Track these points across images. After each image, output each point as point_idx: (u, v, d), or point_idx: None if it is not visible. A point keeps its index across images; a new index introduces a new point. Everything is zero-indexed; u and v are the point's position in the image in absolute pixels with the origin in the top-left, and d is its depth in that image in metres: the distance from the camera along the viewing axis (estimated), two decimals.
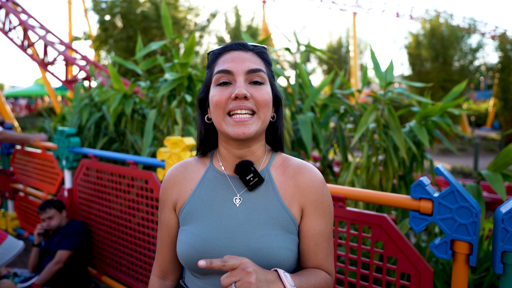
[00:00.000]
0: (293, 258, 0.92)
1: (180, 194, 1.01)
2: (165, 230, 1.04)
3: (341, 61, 26.87)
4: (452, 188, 1.23)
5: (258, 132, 0.91)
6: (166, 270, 1.07)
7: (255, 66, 0.91)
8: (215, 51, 0.97)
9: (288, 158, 1.02)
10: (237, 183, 0.97)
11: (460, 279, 1.27)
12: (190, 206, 0.97)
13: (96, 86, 4.14)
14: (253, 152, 0.97)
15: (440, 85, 15.92)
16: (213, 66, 0.95)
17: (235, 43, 0.96)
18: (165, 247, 1.05)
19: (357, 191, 1.52)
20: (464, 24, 19.61)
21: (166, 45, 3.37)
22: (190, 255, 0.91)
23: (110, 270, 2.83)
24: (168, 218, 1.03)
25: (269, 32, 20.82)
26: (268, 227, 0.91)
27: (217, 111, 0.90)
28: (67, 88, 13.91)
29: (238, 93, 0.86)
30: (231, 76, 0.90)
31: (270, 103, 0.93)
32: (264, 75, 0.92)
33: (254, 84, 0.91)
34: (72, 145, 3.06)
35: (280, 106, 1.01)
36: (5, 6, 10.42)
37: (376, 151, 2.62)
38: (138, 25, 13.49)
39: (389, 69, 2.58)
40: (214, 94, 0.91)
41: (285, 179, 0.97)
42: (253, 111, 0.89)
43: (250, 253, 0.88)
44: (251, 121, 0.89)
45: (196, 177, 1.01)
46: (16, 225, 4.11)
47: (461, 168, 9.07)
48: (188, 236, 0.93)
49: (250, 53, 0.94)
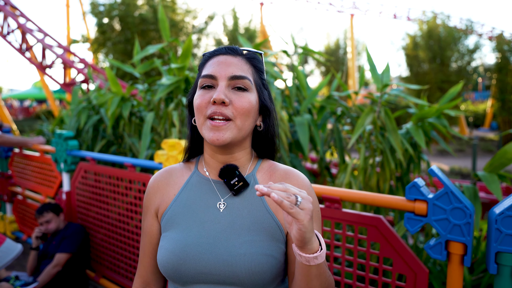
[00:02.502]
0: (277, 266, 0.87)
1: (163, 199, 0.98)
2: (147, 238, 1.00)
3: (338, 62, 26.93)
4: (446, 189, 1.25)
5: (234, 140, 0.88)
6: (147, 281, 1.02)
7: (240, 72, 0.89)
8: (206, 54, 0.96)
9: (275, 164, 0.99)
10: (221, 188, 0.94)
11: (455, 280, 1.28)
12: (172, 212, 0.94)
13: (94, 89, 4.15)
14: (236, 159, 0.95)
15: (437, 86, 15.98)
16: (202, 69, 0.94)
17: (225, 47, 0.94)
18: (146, 257, 1.01)
19: (353, 192, 1.53)
20: (461, 25, 19.70)
21: (163, 48, 3.38)
22: (170, 262, 0.87)
23: (108, 273, 2.83)
24: (150, 225, 1.00)
25: (267, 34, 20.86)
26: (253, 233, 0.88)
27: (198, 115, 0.89)
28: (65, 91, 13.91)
29: (216, 98, 0.85)
30: (214, 81, 0.88)
31: (251, 112, 0.89)
32: (249, 83, 0.89)
33: (237, 90, 0.88)
34: (70, 148, 3.06)
35: (269, 116, 0.97)
36: (3, 9, 10.43)
37: (373, 153, 2.63)
38: (136, 27, 13.51)
39: (386, 71, 2.60)
40: (196, 98, 0.90)
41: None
42: (230, 119, 0.86)
43: (232, 260, 0.85)
44: (225, 126, 0.86)
45: (180, 182, 0.99)
46: (15, 228, 4.11)
47: (459, 169, 9.09)
48: (168, 242, 0.90)
49: (239, 58, 0.92)
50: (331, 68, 4.28)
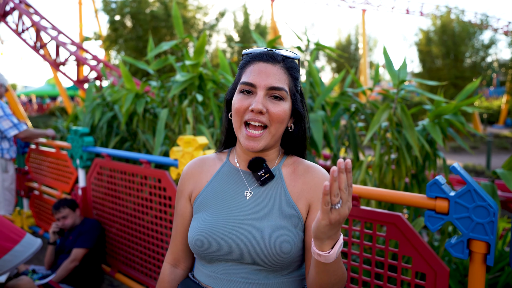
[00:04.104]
0: (295, 251, 0.95)
1: (196, 185, 1.08)
2: (179, 219, 1.10)
3: (350, 58, 26.67)
4: (469, 187, 1.22)
5: (267, 146, 0.98)
6: (178, 258, 1.13)
7: (278, 84, 0.95)
8: (249, 55, 1.02)
9: (299, 159, 1.08)
10: (249, 178, 1.03)
11: (477, 279, 1.26)
12: (204, 196, 1.04)
13: (108, 86, 4.18)
14: (266, 156, 1.04)
15: (451, 82, 15.71)
16: (242, 72, 1.01)
17: (266, 53, 0.99)
18: (178, 236, 1.11)
19: (372, 190, 1.52)
20: (476, 20, 19.29)
21: (177, 44, 3.39)
22: (199, 239, 0.97)
23: (123, 268, 2.87)
24: (183, 208, 1.10)
25: (278, 31, 20.76)
26: (274, 219, 0.96)
27: (236, 117, 0.98)
28: (78, 88, 14.08)
29: (254, 108, 0.93)
30: (254, 89, 0.96)
31: (285, 120, 0.97)
32: (285, 93, 0.96)
33: (273, 99, 0.96)
34: (86, 144, 3.10)
35: (302, 121, 1.04)
36: (18, 7, 10.58)
37: (388, 150, 2.61)
38: (148, 24, 13.58)
39: (403, 67, 2.57)
40: (235, 101, 0.98)
41: (294, 177, 1.03)
42: (266, 125, 0.95)
43: (254, 242, 0.93)
44: (262, 137, 0.95)
45: (212, 170, 1.08)
46: (31, 223, 4.19)
47: (473, 166, 8.94)
48: (199, 222, 1.00)
49: (278, 67, 0.97)
50: (345, 64, 4.24)
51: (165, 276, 1.13)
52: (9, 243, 1.71)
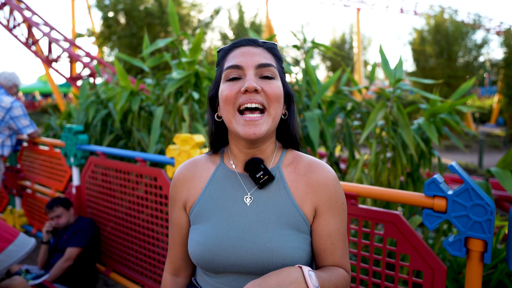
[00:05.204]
0: (306, 257, 0.91)
1: (190, 192, 1.00)
2: (176, 229, 1.04)
3: (344, 57, 26.75)
4: (467, 185, 1.23)
5: (269, 131, 0.89)
6: (178, 267, 1.07)
7: (266, 60, 0.90)
8: (225, 48, 0.96)
9: (299, 155, 1.00)
10: (247, 181, 0.96)
11: (474, 277, 1.26)
12: (201, 206, 0.96)
13: (102, 83, 4.15)
14: (263, 150, 0.95)
15: (444, 81, 15.84)
16: (223, 63, 0.94)
17: (244, 39, 0.95)
18: (176, 245, 1.05)
19: (370, 188, 1.52)
20: (469, 19, 19.46)
21: (172, 41, 3.36)
22: (202, 254, 0.90)
23: (118, 267, 2.85)
24: (178, 217, 1.03)
25: (273, 29, 20.74)
26: (279, 227, 0.90)
27: (227, 107, 0.88)
28: (70, 85, 13.94)
29: (248, 86, 0.85)
30: (241, 71, 0.88)
31: (281, 98, 0.91)
32: (274, 70, 0.91)
33: (264, 79, 0.89)
34: (80, 142, 3.07)
35: (292, 103, 0.99)
36: (9, 3, 10.44)
37: (384, 148, 2.62)
38: (142, 21, 13.48)
39: (399, 66, 2.58)
40: (223, 89, 0.89)
41: (296, 177, 0.95)
42: (264, 106, 0.87)
43: (262, 253, 0.87)
44: (262, 120, 0.86)
45: (206, 175, 1.00)
46: (24, 222, 4.14)
47: (466, 165, 9.03)
48: (199, 235, 0.93)
49: (260, 48, 0.93)
50: (341, 63, 4.25)
51: (168, 287, 1.07)
52: (3, 243, 1.69)
